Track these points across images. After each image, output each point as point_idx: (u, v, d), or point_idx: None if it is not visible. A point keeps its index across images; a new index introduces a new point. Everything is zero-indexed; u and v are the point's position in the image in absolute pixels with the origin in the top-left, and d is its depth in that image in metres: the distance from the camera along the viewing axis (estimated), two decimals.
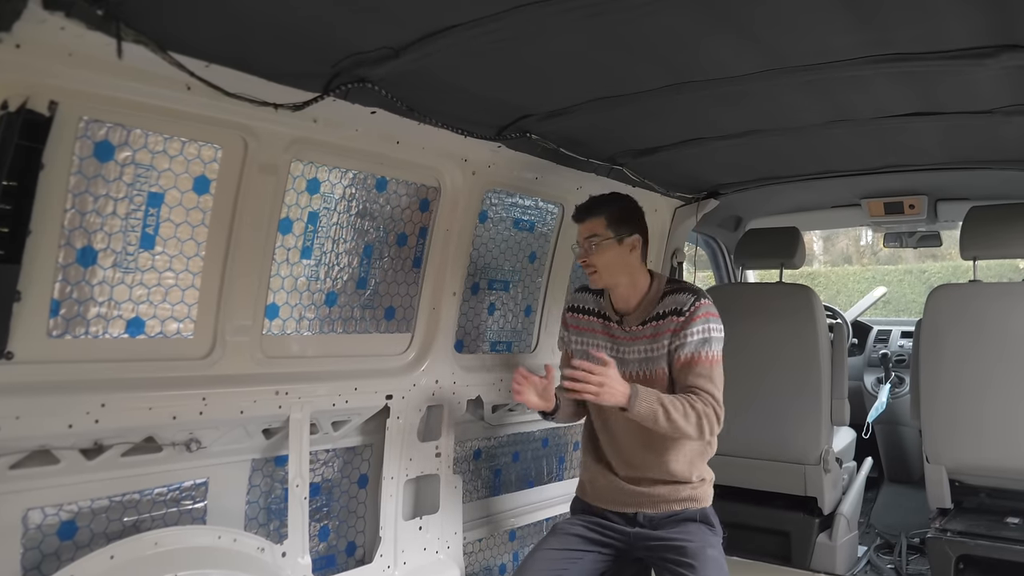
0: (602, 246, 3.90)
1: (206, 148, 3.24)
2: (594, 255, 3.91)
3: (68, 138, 2.82)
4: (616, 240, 3.91)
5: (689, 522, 3.90)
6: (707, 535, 3.88)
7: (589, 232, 3.93)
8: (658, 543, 3.86)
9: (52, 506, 3.03)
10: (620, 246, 3.91)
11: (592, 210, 3.96)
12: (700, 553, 3.73)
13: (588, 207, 3.99)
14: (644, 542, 3.90)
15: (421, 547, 4.27)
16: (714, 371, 3.81)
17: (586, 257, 3.93)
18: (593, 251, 3.91)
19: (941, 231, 6.79)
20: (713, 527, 3.95)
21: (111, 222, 3.02)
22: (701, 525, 3.92)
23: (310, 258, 3.75)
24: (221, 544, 3.34)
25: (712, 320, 3.85)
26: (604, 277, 3.95)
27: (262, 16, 2.65)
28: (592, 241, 3.91)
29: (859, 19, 2.82)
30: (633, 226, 3.97)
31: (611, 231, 3.91)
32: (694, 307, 3.83)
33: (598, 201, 4.01)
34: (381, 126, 3.60)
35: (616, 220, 3.93)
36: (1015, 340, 4.78)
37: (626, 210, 4.00)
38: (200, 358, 3.39)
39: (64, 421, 2.91)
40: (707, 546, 3.80)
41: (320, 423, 3.84)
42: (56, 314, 2.94)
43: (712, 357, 3.81)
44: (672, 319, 3.84)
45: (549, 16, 2.71)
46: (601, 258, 3.91)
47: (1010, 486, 4.92)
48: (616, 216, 3.94)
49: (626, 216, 3.98)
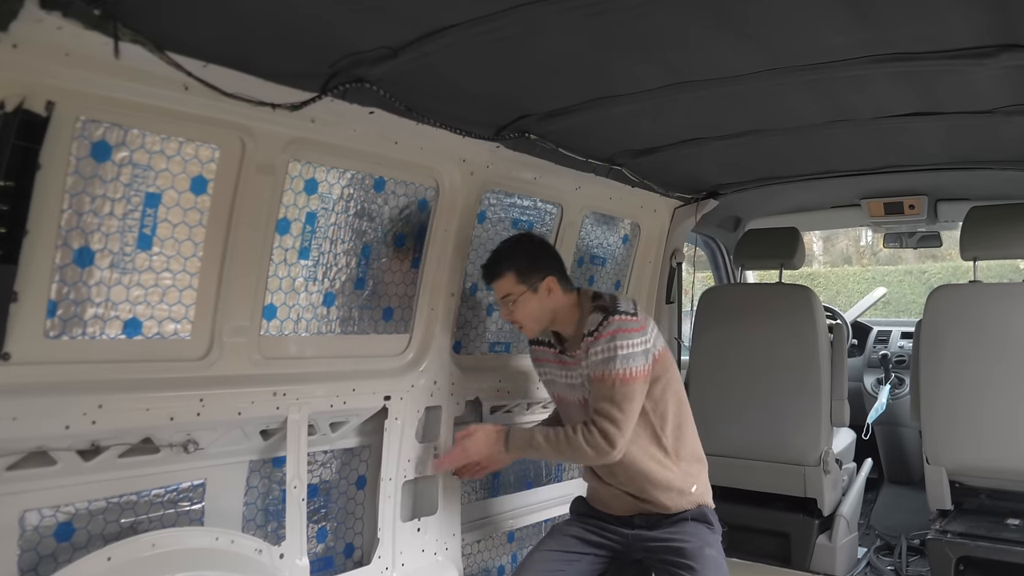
0: (520, 302, 3.96)
1: (203, 148, 3.23)
2: (516, 312, 3.99)
3: (65, 138, 2.81)
4: (531, 291, 3.95)
5: (687, 522, 3.93)
6: (706, 534, 3.91)
7: (503, 293, 3.99)
8: (656, 544, 3.89)
9: (49, 507, 3.02)
10: (536, 294, 3.96)
11: (497, 270, 4.00)
12: (699, 553, 3.77)
13: (492, 269, 4.02)
14: (642, 543, 3.93)
15: (419, 548, 4.26)
16: (616, 390, 3.79)
17: (509, 316, 4.02)
18: (513, 307, 3.97)
19: (941, 231, 6.79)
20: (711, 525, 3.99)
21: (108, 222, 3.01)
22: (699, 524, 3.94)
23: (308, 258, 3.75)
24: (219, 546, 3.34)
25: (621, 336, 3.83)
26: (534, 327, 4.04)
27: (260, 16, 2.65)
28: (508, 300, 3.97)
29: (859, 18, 2.83)
30: (543, 268, 4.00)
31: (523, 284, 3.95)
32: (601, 325, 3.86)
33: (500, 257, 4.03)
34: (379, 126, 3.60)
35: (524, 271, 3.96)
36: (1015, 341, 4.78)
37: (531, 256, 4.03)
38: (197, 359, 3.39)
39: (61, 422, 2.90)
40: (705, 546, 3.83)
41: (318, 424, 3.83)
42: (53, 315, 2.93)
43: (614, 375, 3.80)
44: (587, 339, 3.90)
45: (548, 16, 2.72)
46: (523, 312, 3.98)
47: (1010, 487, 4.93)
48: (523, 267, 3.96)
49: (533, 262, 4.00)
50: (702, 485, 4.08)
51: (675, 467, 3.97)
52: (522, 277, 3.94)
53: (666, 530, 3.91)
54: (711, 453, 5.51)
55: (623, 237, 5.60)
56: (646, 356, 3.87)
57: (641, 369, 3.83)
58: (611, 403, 3.78)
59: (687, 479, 3.97)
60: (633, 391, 3.80)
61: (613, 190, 5.04)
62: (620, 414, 3.77)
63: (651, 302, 5.86)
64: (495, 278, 4.00)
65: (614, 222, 5.50)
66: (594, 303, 3.98)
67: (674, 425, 4.02)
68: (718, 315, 5.73)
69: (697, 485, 4.03)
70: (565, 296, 4.04)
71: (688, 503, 3.96)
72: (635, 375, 3.81)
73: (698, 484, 4.04)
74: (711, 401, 5.62)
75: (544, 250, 4.11)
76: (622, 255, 5.64)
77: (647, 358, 3.87)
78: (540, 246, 4.12)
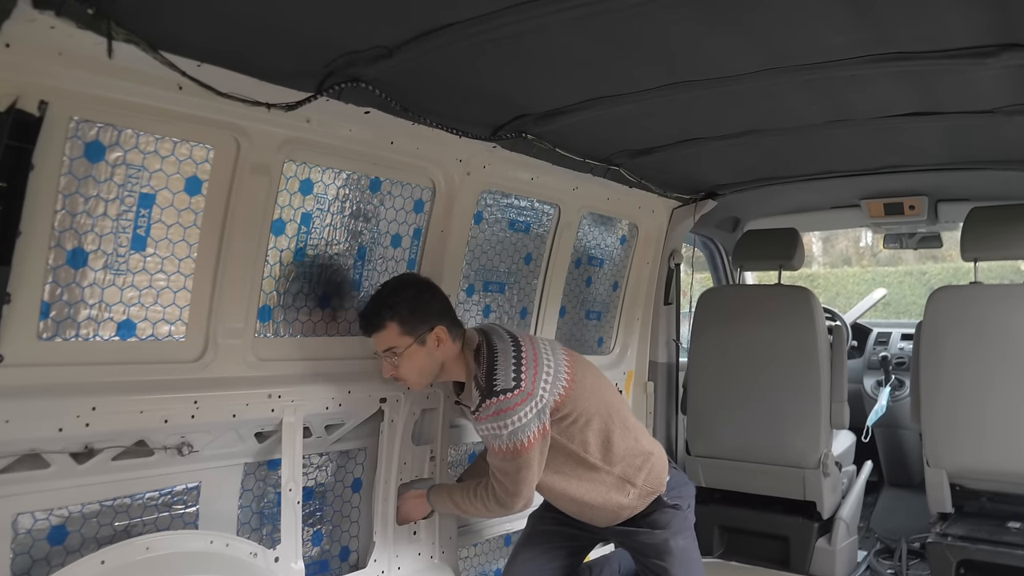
0: (405, 355, 3.67)
1: (198, 148, 3.24)
2: (401, 368, 3.70)
3: (58, 138, 2.81)
4: (418, 343, 3.67)
5: (654, 513, 3.98)
6: (672, 520, 3.97)
7: (385, 346, 3.68)
8: (626, 533, 4.02)
9: (42, 511, 3.03)
10: (424, 347, 3.69)
11: (378, 321, 3.67)
12: (664, 547, 3.90)
13: (372, 320, 3.68)
14: (615, 534, 4.09)
15: (416, 552, 4.27)
16: (508, 463, 3.69)
17: (393, 372, 3.72)
18: (398, 361, 3.68)
19: (942, 232, 6.80)
20: (677, 506, 4.00)
21: (102, 223, 3.02)
22: (664, 511, 3.98)
23: (303, 260, 3.75)
24: (213, 549, 3.34)
25: (504, 416, 3.60)
26: (420, 381, 3.81)
27: (254, 15, 2.65)
28: (391, 353, 3.68)
29: (859, 17, 2.83)
30: (431, 318, 3.71)
31: (409, 336, 3.66)
32: (481, 408, 3.66)
33: (380, 306, 3.68)
34: (375, 126, 3.61)
35: (409, 322, 3.66)
36: (1016, 342, 4.79)
37: (416, 302, 3.70)
38: (192, 361, 3.40)
39: (54, 425, 2.91)
40: (671, 536, 3.91)
41: (313, 426, 3.85)
42: (46, 316, 2.94)
43: (504, 449, 3.65)
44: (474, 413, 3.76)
45: (545, 15, 2.72)
46: (408, 367, 3.70)
47: (1011, 490, 4.93)
48: (407, 317, 3.66)
49: (418, 311, 3.69)
50: (649, 473, 3.97)
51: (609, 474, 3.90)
52: (407, 328, 3.65)
53: (633, 524, 3.99)
54: (710, 455, 5.55)
55: (621, 238, 5.61)
56: (539, 418, 3.66)
57: (533, 435, 3.64)
58: (504, 474, 3.73)
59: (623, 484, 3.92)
60: (527, 460, 3.68)
61: (611, 190, 5.04)
62: (513, 485, 3.74)
63: (649, 303, 5.87)
64: (376, 330, 3.67)
65: (612, 223, 5.50)
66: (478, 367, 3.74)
67: (601, 440, 3.88)
68: (717, 316, 5.73)
69: (643, 475, 3.94)
70: (454, 345, 3.78)
71: (636, 506, 3.97)
72: (526, 445, 3.64)
73: (644, 474, 3.95)
74: (709, 403, 5.63)
75: (432, 294, 3.78)
76: (620, 256, 5.64)
77: (540, 419, 3.66)
78: (427, 289, 3.78)
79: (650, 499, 3.96)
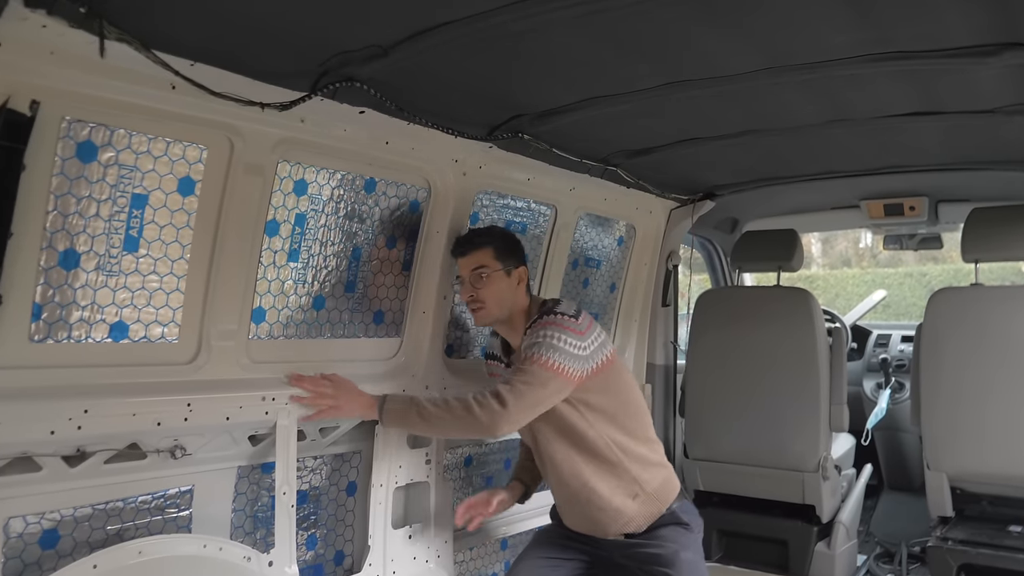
0: (492, 278, 3.93)
1: (191, 148, 3.23)
2: (483, 288, 3.93)
3: (50, 138, 2.81)
4: (504, 272, 3.96)
5: (661, 528, 3.96)
6: (681, 536, 3.95)
7: (476, 264, 3.94)
8: (634, 551, 3.95)
9: (34, 514, 3.03)
10: (509, 278, 3.97)
11: (476, 242, 4.00)
12: (674, 559, 3.84)
13: (471, 239, 4.03)
14: (621, 550, 3.98)
15: (411, 556, 4.27)
16: (529, 369, 3.70)
17: (473, 291, 3.94)
18: (481, 283, 3.93)
19: (942, 233, 6.81)
20: (687, 525, 4.00)
21: (94, 224, 3.02)
22: (674, 527, 3.97)
23: (297, 261, 3.75)
24: (207, 553, 3.34)
25: (553, 329, 3.77)
26: (492, 311, 3.97)
27: (248, 14, 2.66)
28: (480, 272, 3.93)
29: (858, 16, 2.84)
30: (519, 258, 4.04)
31: (499, 262, 3.95)
32: (536, 322, 3.86)
33: (481, 232, 4.09)
34: (370, 126, 3.62)
35: (503, 251, 3.98)
36: (1018, 345, 4.79)
37: (511, 241, 4.07)
38: (185, 363, 3.40)
39: (46, 427, 2.91)
40: (680, 549, 3.88)
41: (307, 429, 3.84)
42: (38, 318, 2.94)
43: (530, 356, 3.72)
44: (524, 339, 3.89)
45: (542, 14, 2.73)
46: (490, 291, 3.94)
47: (1013, 494, 4.93)
48: (503, 247, 3.99)
49: (512, 247, 4.04)
50: (660, 485, 4.03)
51: (624, 470, 3.94)
52: (500, 255, 3.96)
53: (641, 537, 3.95)
54: (708, 459, 5.55)
55: (618, 239, 5.62)
56: (575, 361, 3.77)
57: (566, 367, 3.73)
58: (517, 376, 3.71)
59: (633, 485, 3.94)
60: (545, 379, 3.70)
61: (608, 191, 5.05)
62: (513, 396, 3.66)
63: (647, 305, 5.88)
64: (473, 249, 3.97)
65: (609, 224, 5.51)
66: (542, 307, 3.98)
67: (622, 435, 3.95)
68: (715, 318, 5.73)
69: (652, 484, 3.99)
70: (526, 296, 4.05)
71: (644, 514, 3.97)
72: (555, 367, 3.71)
73: (653, 483, 4.00)
74: (707, 406, 5.64)
75: (520, 245, 4.11)
76: (617, 257, 5.65)
77: (577, 363, 3.78)
78: (517, 240, 4.13)
79: (654, 510, 3.96)
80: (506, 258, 3.96)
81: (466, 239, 4.03)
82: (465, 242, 4.02)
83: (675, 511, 4.00)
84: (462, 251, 4.01)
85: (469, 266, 3.95)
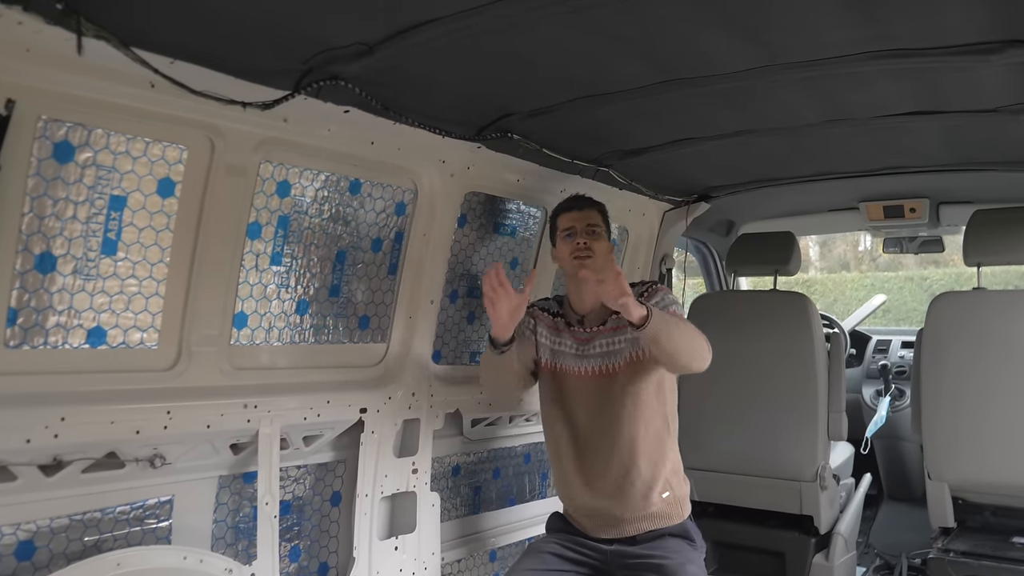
0: (601, 236, 4.10)
1: (171, 149, 3.24)
2: (595, 244, 4.06)
3: (26, 138, 2.82)
4: (607, 234, 4.16)
5: (667, 537, 3.98)
6: (686, 551, 3.97)
7: (590, 220, 4.11)
8: (636, 561, 3.94)
9: (9, 525, 3.02)
10: (608, 244, 4.13)
11: (592, 203, 4.19)
12: (679, 571, 3.82)
13: (587, 198, 4.23)
14: (622, 560, 3.97)
15: (397, 568, 4.28)
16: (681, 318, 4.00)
17: (586, 242, 4.05)
18: (594, 237, 4.08)
19: (943, 236, 6.82)
20: (693, 542, 4.05)
21: (71, 227, 3.02)
22: (680, 540, 4.01)
23: (280, 264, 3.76)
24: (187, 565, 3.35)
25: (670, 295, 4.07)
26: (598, 262, 4.02)
27: (230, 10, 2.67)
28: (594, 228, 4.09)
29: (858, 13, 2.85)
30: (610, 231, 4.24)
31: (605, 226, 4.16)
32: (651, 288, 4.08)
33: (590, 198, 4.24)
34: (355, 126, 3.63)
35: (606, 218, 4.20)
36: (1021, 350, 4.80)
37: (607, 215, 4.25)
38: (164, 369, 3.40)
39: (22, 436, 2.90)
40: (686, 562, 3.88)
41: (291, 438, 3.84)
42: (13, 324, 2.94)
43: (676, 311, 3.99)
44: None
45: (531, 10, 2.74)
46: (599, 245, 4.07)
47: (1016, 504, 4.94)
48: (606, 215, 4.21)
49: (608, 219, 4.23)
50: (680, 499, 4.12)
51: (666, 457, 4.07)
52: (606, 221, 4.20)
53: (645, 546, 3.96)
54: (703, 468, 5.55)
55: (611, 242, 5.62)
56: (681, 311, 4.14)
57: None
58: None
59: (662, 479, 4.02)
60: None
61: (600, 192, 5.05)
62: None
63: None
64: (588, 206, 4.17)
65: None
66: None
67: (667, 432, 4.10)
68: (710, 323, 5.65)
69: (677, 487, 4.11)
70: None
71: (658, 514, 4.01)
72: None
73: (679, 488, 4.13)
74: (702, 413, 5.63)
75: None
76: None
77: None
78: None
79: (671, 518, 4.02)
80: (608, 225, 4.20)
81: (583, 197, 4.25)
82: (583, 199, 4.23)
83: (686, 525, 4.06)
84: (580, 206, 4.17)
85: (584, 220, 4.10)
